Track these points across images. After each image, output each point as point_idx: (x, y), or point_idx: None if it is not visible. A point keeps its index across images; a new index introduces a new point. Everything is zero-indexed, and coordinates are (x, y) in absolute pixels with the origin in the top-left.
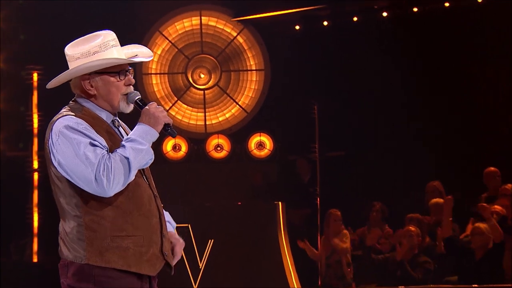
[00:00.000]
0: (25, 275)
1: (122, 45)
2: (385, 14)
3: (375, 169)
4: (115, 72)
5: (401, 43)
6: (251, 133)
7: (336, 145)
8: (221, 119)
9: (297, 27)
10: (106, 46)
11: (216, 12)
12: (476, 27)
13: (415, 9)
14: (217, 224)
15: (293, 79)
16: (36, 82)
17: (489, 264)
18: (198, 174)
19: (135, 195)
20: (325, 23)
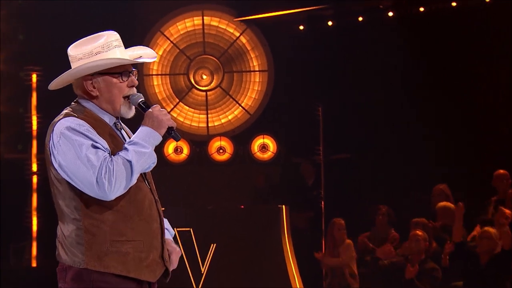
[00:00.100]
0: (24, 280)
1: (124, 46)
2: (390, 14)
3: (381, 171)
4: (117, 73)
5: (407, 43)
6: (254, 135)
7: (340, 147)
8: (224, 121)
9: (301, 27)
10: (109, 46)
11: (218, 11)
12: (482, 27)
13: (421, 8)
14: (219, 227)
15: (297, 80)
16: (35, 83)
17: (496, 269)
18: (200, 177)
19: (136, 199)
20: (330, 23)
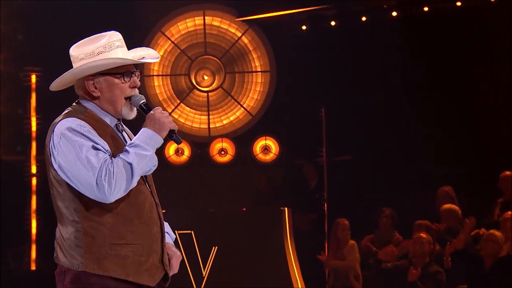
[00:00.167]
0: (23, 283)
1: (126, 47)
2: (394, 13)
3: (381, 172)
4: (119, 73)
5: (408, 43)
6: (256, 137)
7: (343, 148)
8: (225, 122)
9: (304, 27)
10: (111, 46)
11: (220, 12)
12: (483, 27)
13: (425, 8)
14: (221, 230)
15: (299, 80)
16: (34, 84)
17: (500, 273)
18: (201, 178)
19: (136, 202)
20: (333, 23)
